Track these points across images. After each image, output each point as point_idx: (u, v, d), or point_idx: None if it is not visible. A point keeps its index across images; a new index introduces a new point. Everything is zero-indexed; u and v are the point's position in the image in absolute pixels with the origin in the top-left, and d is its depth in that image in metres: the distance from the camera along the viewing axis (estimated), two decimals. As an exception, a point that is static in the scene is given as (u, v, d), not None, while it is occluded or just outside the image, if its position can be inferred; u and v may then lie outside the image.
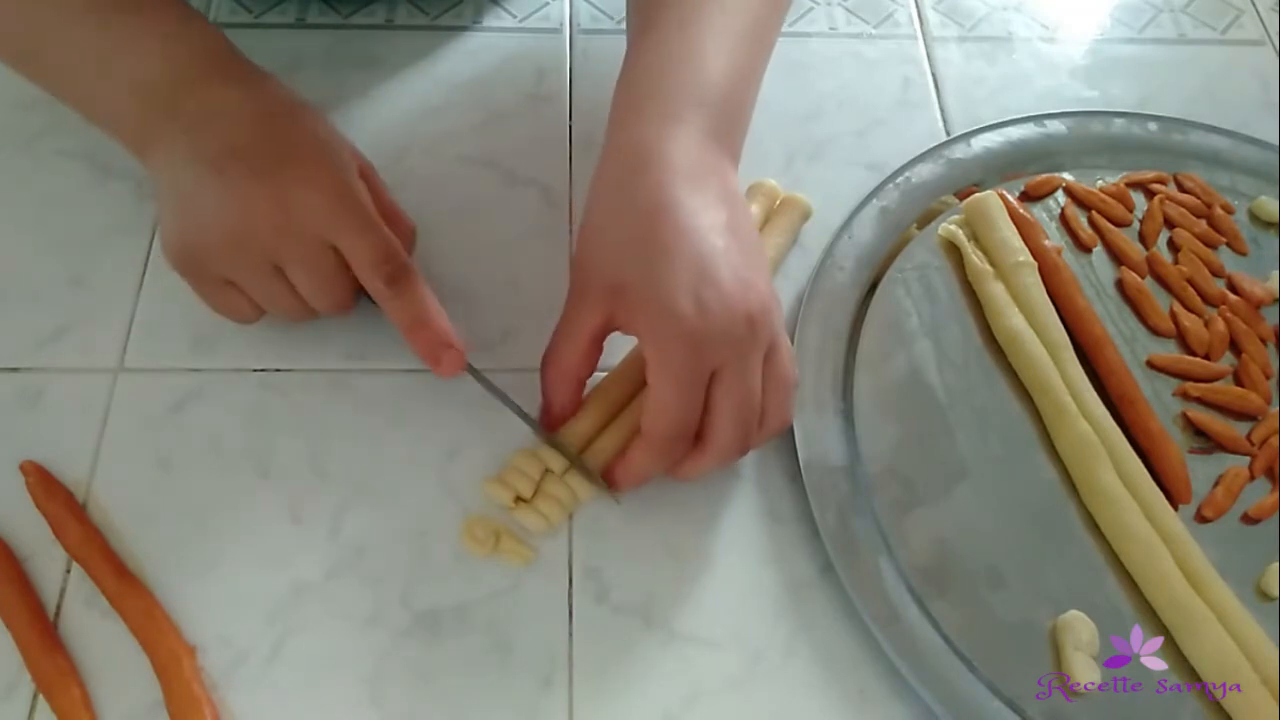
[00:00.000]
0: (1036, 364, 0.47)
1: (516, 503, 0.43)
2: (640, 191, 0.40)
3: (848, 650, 0.42)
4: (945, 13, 0.64)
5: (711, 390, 0.40)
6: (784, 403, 0.42)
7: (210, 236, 0.41)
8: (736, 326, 0.39)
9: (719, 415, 0.40)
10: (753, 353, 0.40)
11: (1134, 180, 0.55)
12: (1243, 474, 0.46)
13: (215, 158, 0.41)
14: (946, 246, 0.52)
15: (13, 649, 0.40)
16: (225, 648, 0.41)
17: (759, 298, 0.40)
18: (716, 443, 0.40)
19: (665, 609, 0.42)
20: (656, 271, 0.39)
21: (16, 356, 0.47)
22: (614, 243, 0.41)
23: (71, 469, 0.44)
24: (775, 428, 0.42)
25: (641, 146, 0.41)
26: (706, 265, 0.39)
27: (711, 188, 0.41)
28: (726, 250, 0.40)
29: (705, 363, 0.39)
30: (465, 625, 0.42)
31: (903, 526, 0.44)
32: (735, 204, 0.42)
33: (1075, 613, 0.42)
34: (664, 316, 0.39)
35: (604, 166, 0.43)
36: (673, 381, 0.39)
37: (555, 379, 0.44)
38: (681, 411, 0.40)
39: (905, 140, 0.56)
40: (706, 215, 0.40)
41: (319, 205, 0.41)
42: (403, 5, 0.61)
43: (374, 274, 0.42)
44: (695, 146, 0.42)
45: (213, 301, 0.45)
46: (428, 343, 0.43)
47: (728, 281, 0.39)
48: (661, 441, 0.40)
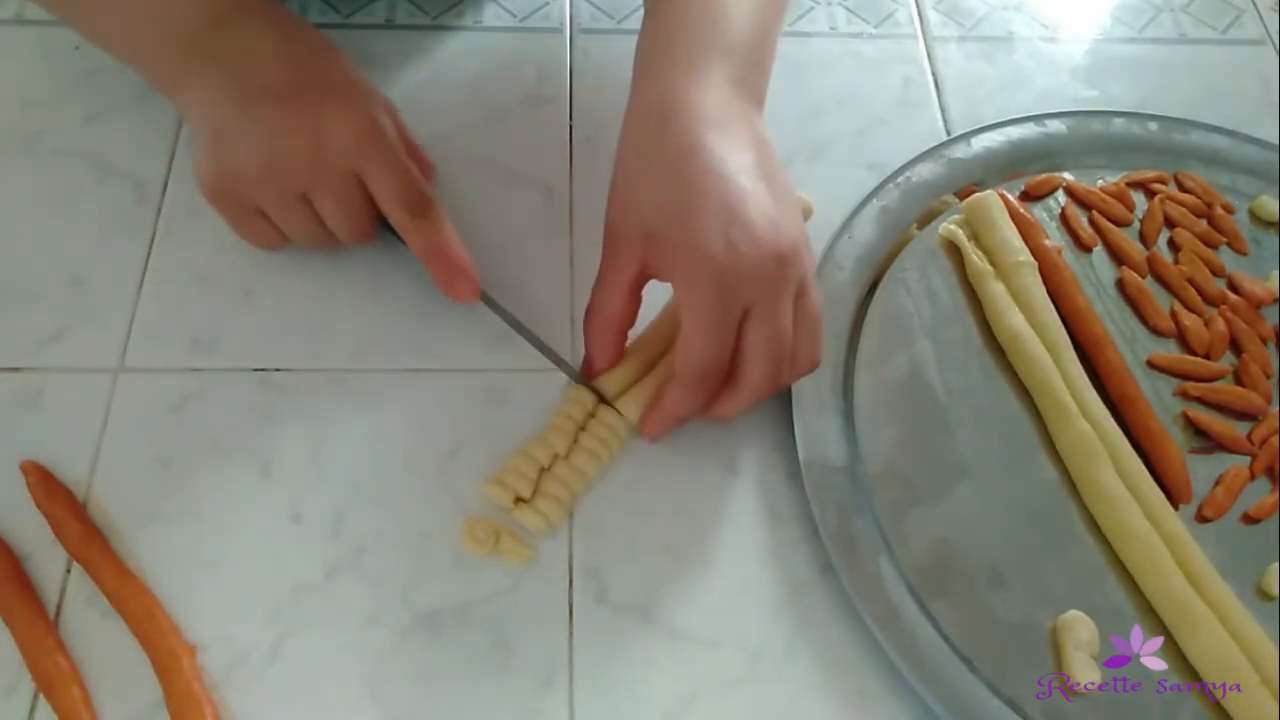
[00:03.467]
0: (1037, 364, 0.47)
1: (516, 503, 0.43)
2: (667, 139, 0.41)
3: (847, 650, 0.42)
4: (946, 12, 0.64)
5: (743, 329, 0.40)
6: (814, 341, 0.43)
7: (243, 167, 0.43)
8: (766, 266, 0.39)
9: (751, 354, 0.41)
10: (783, 291, 0.40)
11: (1134, 180, 0.55)
12: (1243, 474, 0.46)
13: (249, 93, 0.43)
14: (947, 246, 0.52)
15: (13, 648, 0.40)
16: (226, 647, 0.41)
17: (789, 237, 0.40)
18: (749, 381, 0.41)
19: (665, 608, 0.42)
20: (686, 215, 0.39)
21: (17, 356, 0.47)
22: (644, 191, 0.41)
23: (72, 469, 0.44)
24: (806, 366, 0.43)
25: (666, 96, 0.42)
26: (735, 207, 0.39)
27: (738, 131, 0.42)
28: (755, 191, 0.40)
29: (736, 302, 0.40)
30: (465, 625, 0.42)
31: (903, 526, 0.44)
32: (763, 146, 0.43)
33: (1075, 612, 0.42)
34: (694, 258, 0.39)
35: (630, 118, 0.43)
36: (704, 321, 0.40)
37: (597, 331, 0.44)
38: (713, 350, 0.40)
39: (905, 140, 0.56)
40: (734, 158, 0.41)
41: (348, 138, 0.43)
42: (403, 5, 0.61)
43: (397, 204, 0.44)
44: (720, 93, 0.42)
45: (241, 229, 0.47)
46: (445, 270, 0.45)
47: (757, 222, 0.39)
48: (694, 380, 0.41)
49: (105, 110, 0.54)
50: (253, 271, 0.50)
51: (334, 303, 0.49)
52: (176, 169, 0.53)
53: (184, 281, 0.49)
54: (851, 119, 0.58)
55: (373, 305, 0.49)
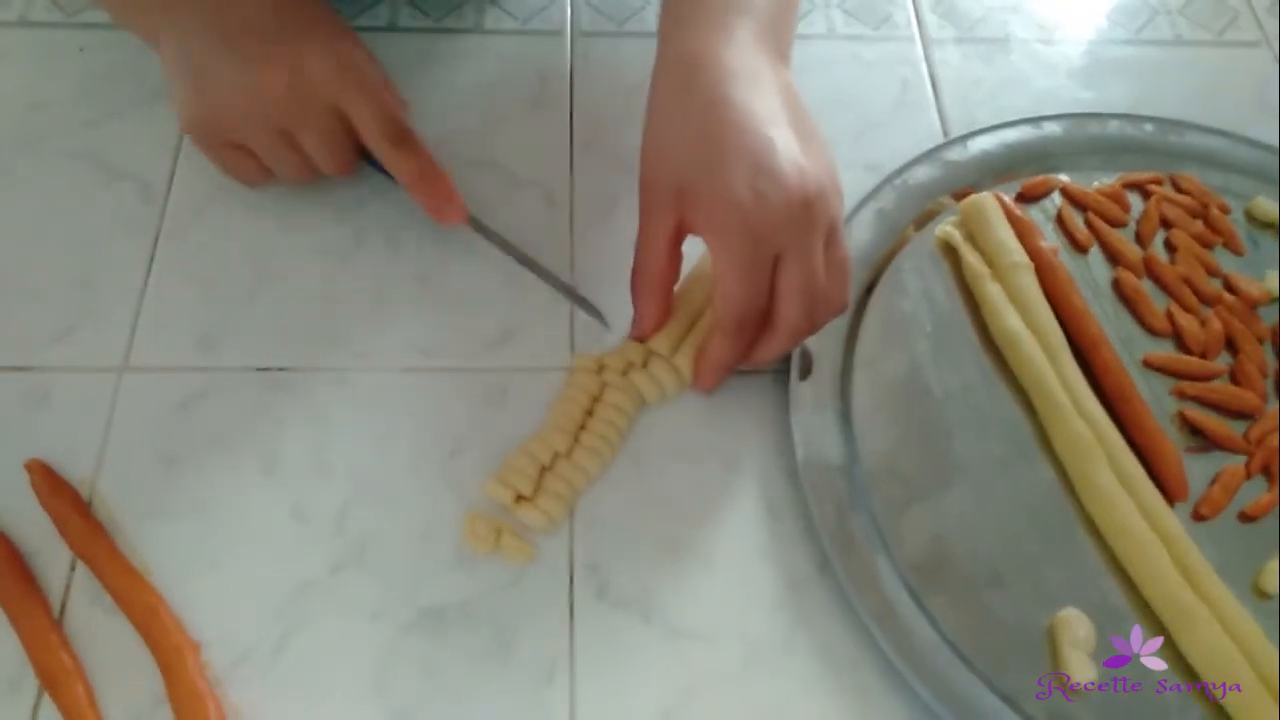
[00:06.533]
0: (1033, 364, 0.48)
1: (518, 500, 0.44)
2: (693, 94, 0.42)
3: (845, 646, 0.42)
4: (943, 15, 0.64)
5: (776, 274, 0.41)
6: (844, 284, 0.44)
7: (226, 103, 0.45)
8: (794, 212, 0.40)
9: (785, 298, 0.41)
10: (812, 235, 0.41)
11: (1130, 181, 0.55)
12: (1239, 472, 0.47)
13: (228, 30, 0.44)
14: (944, 247, 0.52)
15: (18, 646, 0.40)
16: (229, 644, 0.41)
17: (816, 182, 0.41)
18: (785, 325, 0.42)
19: (665, 605, 0.43)
20: (714, 168, 0.40)
21: (23, 355, 0.47)
22: (673, 147, 0.42)
23: (77, 467, 0.44)
24: (837, 307, 0.44)
25: (691, 52, 0.43)
26: (761, 156, 0.40)
27: (763, 82, 0.42)
28: (781, 139, 0.41)
29: (766, 249, 0.40)
30: (468, 621, 0.42)
31: (900, 524, 0.44)
32: (788, 93, 0.43)
33: (1071, 610, 0.42)
34: (723, 209, 0.40)
35: (657, 78, 0.44)
36: (737, 270, 0.41)
37: (643, 289, 0.45)
38: (748, 299, 0.41)
39: (903, 142, 0.56)
40: (760, 108, 0.41)
41: (330, 73, 0.45)
42: (405, 8, 0.61)
43: (380, 135, 0.46)
44: (744, 49, 0.43)
45: (223, 164, 0.48)
46: (432, 195, 0.47)
47: (784, 169, 0.40)
48: (734, 327, 0.42)
49: (110, 112, 0.55)
50: (256, 272, 0.50)
51: (337, 302, 0.50)
52: (181, 170, 0.53)
53: (188, 281, 0.50)
54: (849, 121, 0.58)
55: (376, 305, 0.50)
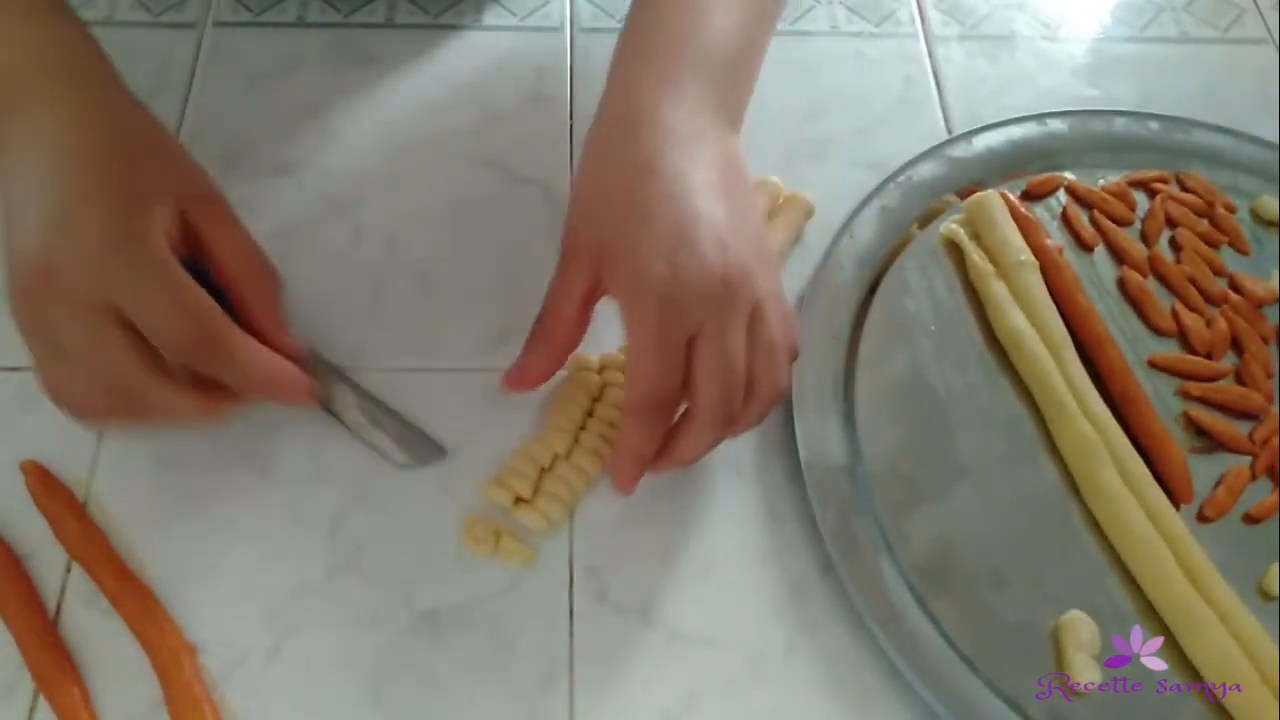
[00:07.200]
0: (1038, 363, 0.47)
1: (516, 503, 0.43)
2: (628, 153, 0.40)
3: (848, 650, 0.42)
4: (947, 11, 0.64)
5: (691, 356, 0.38)
6: (774, 369, 0.40)
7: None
8: (712, 289, 0.38)
9: (699, 380, 0.38)
10: (730, 315, 0.38)
11: (1136, 179, 0.55)
12: (1244, 473, 0.46)
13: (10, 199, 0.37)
14: (948, 246, 0.52)
15: (13, 648, 0.40)
16: (226, 647, 0.41)
17: (738, 260, 0.38)
18: (703, 412, 0.39)
19: (666, 608, 0.42)
20: (634, 233, 0.38)
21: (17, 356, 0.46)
22: (600, 203, 0.40)
23: (72, 468, 0.44)
24: (767, 395, 0.40)
25: (635, 109, 0.41)
26: (685, 228, 0.38)
27: (704, 150, 0.40)
28: (709, 212, 0.39)
29: (680, 326, 0.38)
30: (466, 625, 0.42)
31: (904, 526, 0.44)
32: (729, 165, 0.41)
33: (1076, 612, 0.42)
34: (638, 279, 0.38)
35: (597, 127, 0.42)
36: (648, 345, 0.38)
37: (538, 339, 0.42)
38: (659, 378, 0.38)
39: (906, 139, 0.56)
40: (694, 177, 0.39)
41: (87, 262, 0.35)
42: (403, 4, 0.60)
43: (173, 355, 0.37)
44: (691, 111, 0.41)
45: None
46: (275, 395, 0.40)
47: (705, 243, 0.38)
48: (645, 410, 0.39)
49: (105, 109, 0.54)
50: (253, 271, 0.50)
51: (334, 303, 0.49)
52: (176, 168, 0.53)
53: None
54: (852, 118, 0.58)
55: (373, 305, 0.49)
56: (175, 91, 0.56)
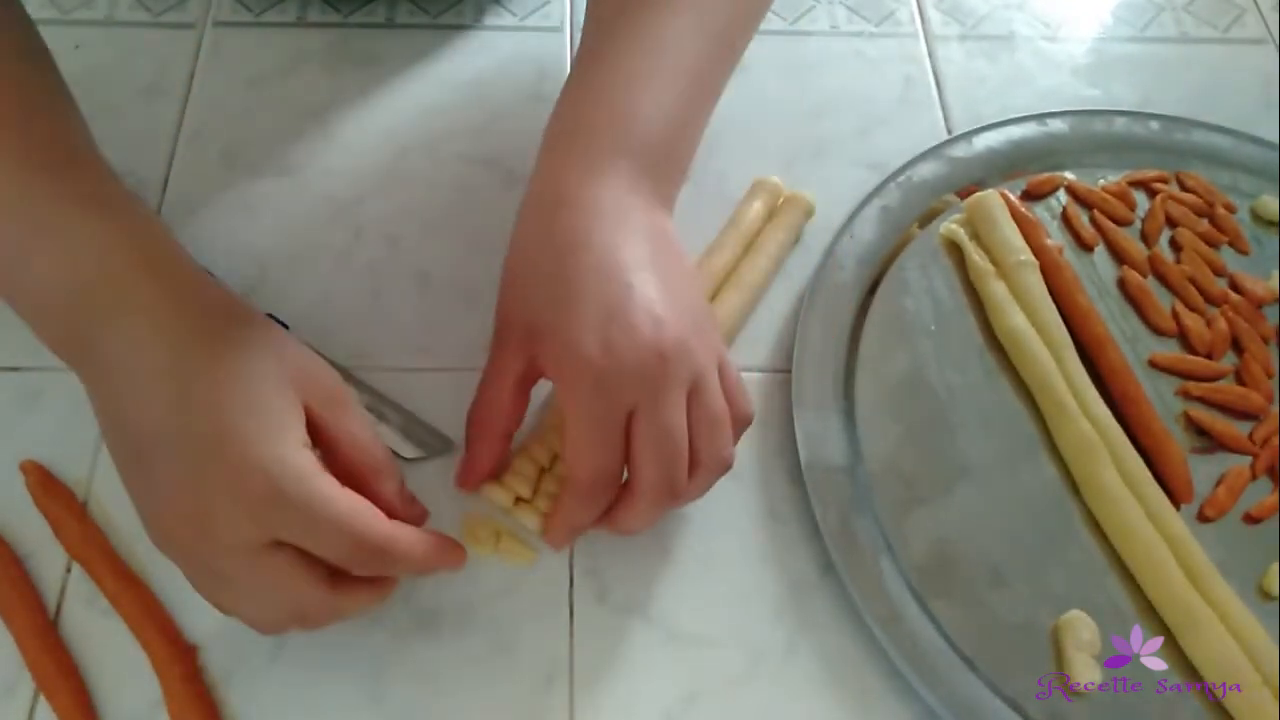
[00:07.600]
0: (1038, 363, 0.47)
1: (517, 503, 0.43)
2: (555, 232, 0.39)
3: (848, 650, 0.42)
4: (947, 11, 0.64)
5: (630, 432, 0.38)
6: (716, 441, 0.39)
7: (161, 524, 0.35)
8: (646, 365, 0.37)
9: (638, 456, 0.38)
10: (667, 390, 0.37)
11: (1136, 179, 0.55)
12: (1244, 473, 0.46)
13: (127, 432, 0.35)
14: (948, 245, 0.52)
15: (13, 648, 0.40)
16: (226, 647, 0.41)
17: (674, 333, 0.37)
18: (643, 488, 0.38)
19: (666, 608, 0.42)
20: (565, 312, 0.38)
21: (16, 356, 0.47)
22: (529, 285, 0.40)
23: (72, 468, 0.44)
24: (712, 468, 0.39)
25: (563, 188, 0.40)
26: (616, 304, 0.37)
27: (633, 225, 0.40)
28: (640, 287, 0.38)
29: (616, 403, 0.37)
30: (466, 625, 0.42)
31: (904, 526, 0.44)
32: (660, 240, 0.40)
33: (1076, 612, 0.42)
34: (571, 358, 0.37)
35: (524, 209, 0.41)
36: (585, 424, 0.37)
37: (478, 431, 0.41)
38: (597, 458, 0.38)
39: (907, 139, 0.56)
40: (623, 252, 0.39)
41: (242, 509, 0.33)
42: (403, 4, 0.60)
43: (344, 567, 0.36)
44: (620, 191, 0.40)
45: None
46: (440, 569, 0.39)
47: (638, 319, 0.37)
48: (585, 487, 0.39)
49: (104, 109, 0.54)
50: (253, 271, 0.50)
51: (334, 303, 0.49)
52: (176, 167, 0.53)
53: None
54: (852, 118, 0.58)
55: (373, 305, 0.49)
56: (175, 91, 0.56)
